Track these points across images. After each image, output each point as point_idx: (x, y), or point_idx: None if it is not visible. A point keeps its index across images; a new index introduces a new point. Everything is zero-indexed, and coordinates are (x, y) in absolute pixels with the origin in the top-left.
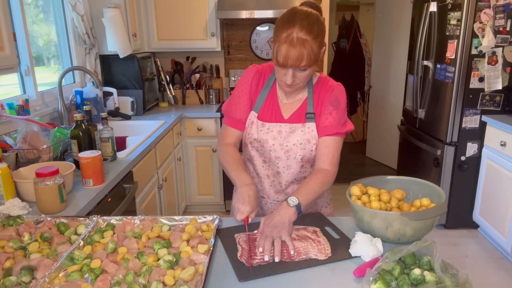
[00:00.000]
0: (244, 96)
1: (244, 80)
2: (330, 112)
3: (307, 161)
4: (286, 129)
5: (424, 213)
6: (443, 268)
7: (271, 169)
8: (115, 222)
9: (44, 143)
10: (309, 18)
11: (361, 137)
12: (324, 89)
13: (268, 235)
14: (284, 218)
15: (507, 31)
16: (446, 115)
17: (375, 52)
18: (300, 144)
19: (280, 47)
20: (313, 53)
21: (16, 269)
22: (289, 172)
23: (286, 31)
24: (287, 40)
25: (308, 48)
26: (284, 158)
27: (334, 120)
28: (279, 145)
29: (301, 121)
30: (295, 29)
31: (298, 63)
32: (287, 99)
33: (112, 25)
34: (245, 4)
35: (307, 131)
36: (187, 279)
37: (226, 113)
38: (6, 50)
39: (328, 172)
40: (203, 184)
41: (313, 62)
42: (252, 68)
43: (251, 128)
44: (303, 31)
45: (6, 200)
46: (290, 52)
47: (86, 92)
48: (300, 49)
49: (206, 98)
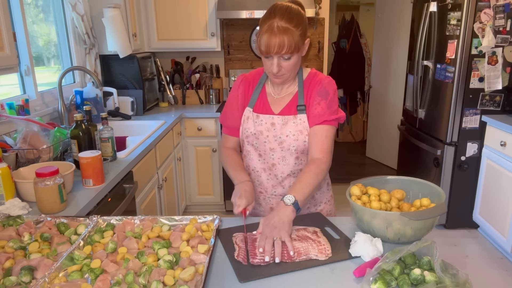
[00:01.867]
0: (234, 104)
1: (233, 90)
2: (319, 103)
3: (301, 152)
4: (279, 121)
5: (424, 213)
6: (443, 268)
7: (266, 162)
8: (115, 222)
9: (44, 143)
10: (288, 9)
11: (361, 137)
12: (314, 83)
13: (268, 236)
14: (283, 218)
15: (507, 31)
16: (446, 115)
17: (375, 52)
18: (293, 136)
19: (262, 37)
20: (294, 40)
21: (16, 269)
22: (285, 163)
23: (267, 22)
24: (268, 29)
25: (289, 35)
26: (278, 150)
27: (322, 109)
28: (273, 136)
29: (293, 113)
30: (275, 19)
31: (280, 50)
32: (279, 94)
33: (112, 25)
34: (245, 4)
35: (299, 122)
36: (187, 279)
37: (223, 123)
38: (6, 50)
39: (319, 161)
40: (203, 184)
41: (295, 49)
42: (239, 78)
43: (247, 123)
44: (283, 20)
45: (6, 200)
46: (271, 40)
47: (86, 92)
48: (280, 36)
49: (206, 98)
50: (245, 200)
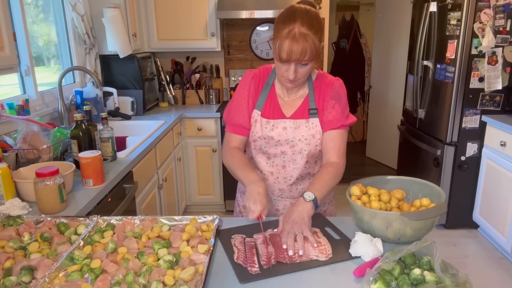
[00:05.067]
0: (244, 101)
1: (243, 86)
2: (333, 106)
3: (312, 156)
4: (291, 125)
5: (424, 213)
6: (443, 268)
7: (275, 165)
8: (115, 222)
9: (44, 143)
10: (309, 14)
11: (361, 137)
12: (325, 85)
13: (290, 231)
14: (303, 213)
15: (507, 31)
16: (446, 115)
17: (375, 52)
18: (305, 140)
19: (282, 43)
20: (315, 47)
21: (16, 269)
22: (295, 167)
23: (287, 27)
24: (290, 36)
25: (311, 42)
26: (289, 153)
27: (337, 114)
28: (284, 140)
29: (305, 117)
30: (296, 25)
31: (301, 57)
32: (289, 96)
33: (112, 25)
34: (245, 4)
35: (311, 126)
36: (187, 279)
37: (227, 121)
38: (6, 50)
39: (337, 165)
40: (203, 184)
41: (315, 56)
42: (249, 73)
43: (255, 126)
44: (304, 26)
45: (6, 200)
46: (293, 47)
47: (86, 92)
48: (303, 43)
49: (206, 98)
50: (260, 205)
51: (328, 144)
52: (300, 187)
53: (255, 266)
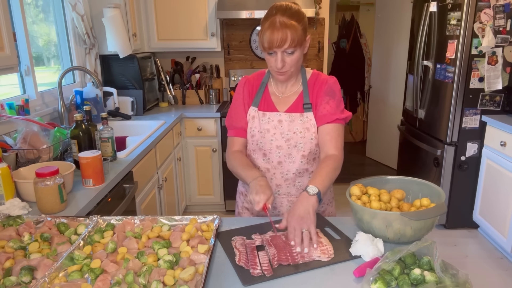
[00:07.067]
0: (240, 106)
1: (237, 92)
2: (327, 102)
3: (308, 151)
4: (286, 118)
5: (424, 213)
6: (443, 268)
7: (271, 161)
8: (115, 222)
9: (44, 143)
10: (288, 7)
11: (361, 137)
12: (319, 82)
13: (297, 228)
14: (308, 207)
15: (507, 31)
16: (446, 115)
17: (375, 52)
18: (300, 133)
19: (264, 33)
20: (296, 34)
21: (16, 269)
22: (291, 161)
23: (268, 19)
24: (270, 25)
25: (292, 29)
26: (285, 147)
27: (331, 108)
28: (280, 134)
29: (299, 111)
30: (277, 16)
31: (282, 43)
32: (284, 93)
33: (112, 25)
34: (245, 4)
35: (306, 120)
36: (187, 279)
37: (229, 125)
38: (6, 50)
39: (336, 157)
40: (203, 184)
41: (298, 43)
42: (242, 80)
43: (253, 122)
44: (284, 16)
45: (6, 200)
46: (274, 34)
47: (86, 92)
48: (283, 30)
49: (206, 98)
50: (263, 195)
51: (325, 138)
52: (298, 184)
53: (257, 268)
